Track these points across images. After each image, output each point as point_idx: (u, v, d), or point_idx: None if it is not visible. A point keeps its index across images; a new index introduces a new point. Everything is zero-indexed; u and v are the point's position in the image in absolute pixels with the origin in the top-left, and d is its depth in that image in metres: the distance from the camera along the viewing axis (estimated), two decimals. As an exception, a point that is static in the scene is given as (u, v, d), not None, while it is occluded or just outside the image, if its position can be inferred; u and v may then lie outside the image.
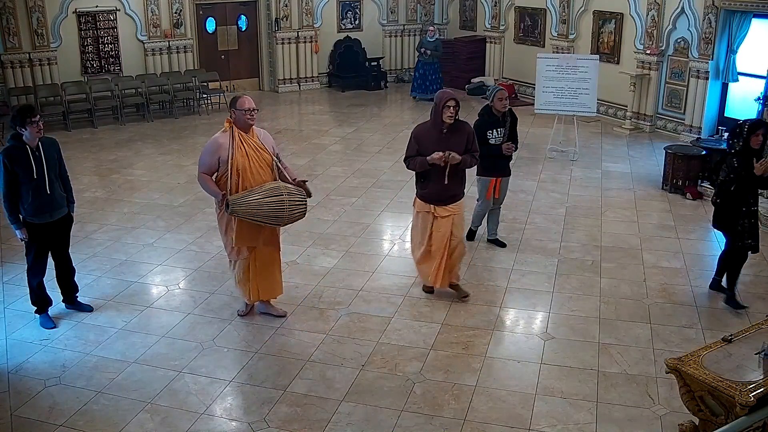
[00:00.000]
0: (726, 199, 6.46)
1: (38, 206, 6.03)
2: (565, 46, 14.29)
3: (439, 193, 6.43)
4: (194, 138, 12.77)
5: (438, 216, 6.49)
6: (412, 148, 6.44)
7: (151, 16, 14.47)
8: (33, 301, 6.41)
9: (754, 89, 10.96)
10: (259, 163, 5.94)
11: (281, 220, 5.90)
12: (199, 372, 5.66)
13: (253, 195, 5.75)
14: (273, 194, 5.78)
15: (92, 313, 6.57)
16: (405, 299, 6.80)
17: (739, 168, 6.30)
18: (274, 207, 5.77)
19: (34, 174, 5.94)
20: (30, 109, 5.95)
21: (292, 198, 5.86)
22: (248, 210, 5.73)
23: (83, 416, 5.14)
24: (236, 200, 5.72)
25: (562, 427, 5.02)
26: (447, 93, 6.42)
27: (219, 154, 5.87)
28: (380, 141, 12.44)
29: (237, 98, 5.94)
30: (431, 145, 6.31)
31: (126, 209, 9.20)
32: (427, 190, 6.48)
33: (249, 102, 5.89)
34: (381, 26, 17.41)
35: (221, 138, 5.91)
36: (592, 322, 6.40)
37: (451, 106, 6.26)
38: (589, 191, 9.80)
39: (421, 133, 6.44)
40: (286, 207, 5.81)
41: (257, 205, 5.72)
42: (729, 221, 6.51)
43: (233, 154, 5.81)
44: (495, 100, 7.47)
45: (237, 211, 5.72)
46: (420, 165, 6.38)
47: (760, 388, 3.83)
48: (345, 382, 5.52)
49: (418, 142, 6.40)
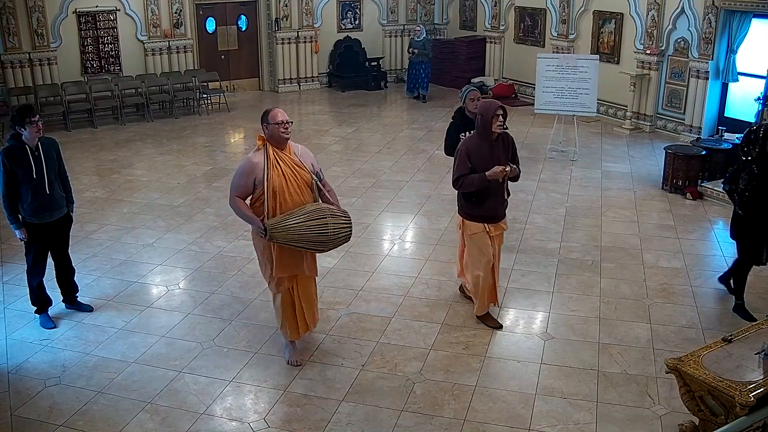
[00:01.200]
0: (751, 208, 6.19)
1: (38, 206, 6.03)
2: (565, 46, 14.29)
3: (496, 210, 6.10)
4: (194, 138, 12.79)
5: (492, 235, 6.13)
6: (464, 166, 5.94)
7: (151, 16, 14.47)
8: (33, 301, 6.41)
9: (754, 89, 10.95)
10: (297, 183, 5.37)
11: (326, 245, 5.37)
12: (199, 372, 5.66)
13: (293, 218, 5.20)
14: (315, 216, 5.24)
15: (92, 313, 6.57)
16: (405, 299, 6.80)
17: (759, 174, 6.09)
18: (317, 231, 5.23)
19: (34, 174, 5.95)
20: (29, 109, 5.95)
21: (336, 220, 5.33)
22: (289, 235, 5.19)
23: (83, 416, 5.14)
24: (275, 225, 5.18)
25: (562, 427, 5.02)
26: (494, 103, 5.97)
27: (254, 175, 5.30)
28: (380, 141, 12.44)
29: (268, 111, 5.41)
30: (484, 159, 5.90)
31: (126, 209, 9.20)
32: (483, 208, 6.04)
33: (282, 114, 5.35)
34: (381, 26, 17.42)
35: (255, 157, 5.35)
36: (592, 322, 6.40)
37: (500, 114, 5.86)
38: (589, 191, 9.80)
39: (472, 149, 5.97)
40: (330, 230, 5.28)
41: (299, 229, 5.18)
42: (754, 232, 6.25)
43: (269, 174, 5.26)
44: (467, 101, 7.17)
45: (276, 236, 5.19)
46: (479, 182, 5.89)
47: (760, 388, 3.83)
48: (345, 382, 5.52)
49: (470, 158, 5.93)
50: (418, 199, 9.52)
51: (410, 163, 11.11)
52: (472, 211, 6.12)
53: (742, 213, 6.28)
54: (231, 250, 7.88)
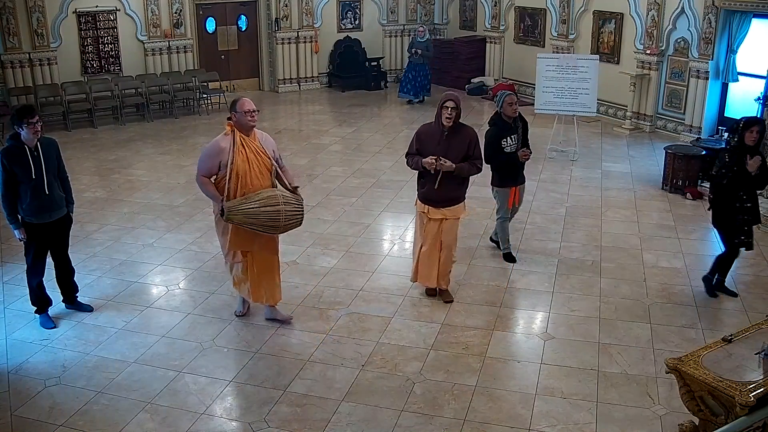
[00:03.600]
0: (719, 194, 6.53)
1: (37, 206, 6.02)
2: (565, 46, 14.29)
3: (429, 194, 6.37)
4: (194, 138, 12.78)
5: (430, 218, 6.46)
6: (413, 146, 6.42)
7: (151, 16, 14.46)
8: (33, 301, 6.41)
9: (754, 89, 10.96)
10: (259, 168, 5.87)
11: (277, 229, 5.86)
12: (199, 372, 5.66)
13: (249, 203, 5.69)
14: (269, 203, 5.71)
15: (92, 313, 6.57)
16: (405, 299, 6.80)
17: (730, 163, 6.38)
18: (270, 216, 5.71)
19: (33, 174, 5.93)
20: (29, 110, 5.94)
21: (288, 207, 5.79)
22: (244, 218, 5.68)
23: (83, 416, 5.14)
24: (232, 207, 5.66)
25: (562, 427, 5.02)
26: (448, 94, 6.37)
27: (220, 158, 5.80)
28: (380, 141, 12.43)
29: (237, 100, 5.89)
30: (431, 145, 6.26)
31: (126, 209, 9.20)
32: (422, 190, 6.47)
33: (249, 103, 5.83)
34: (381, 26, 17.41)
35: (222, 141, 5.83)
36: (592, 322, 6.40)
37: (449, 107, 6.16)
38: (589, 191, 9.80)
39: (424, 133, 6.41)
40: (281, 216, 5.75)
41: (253, 213, 5.67)
42: (724, 218, 6.56)
43: (234, 158, 5.74)
44: (504, 106, 7.24)
45: (232, 218, 5.68)
46: (415, 165, 6.38)
47: (760, 388, 3.83)
48: (345, 382, 5.52)
49: (419, 141, 6.38)
50: (418, 199, 9.51)
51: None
52: (418, 190, 6.55)
53: (712, 197, 6.63)
54: (231, 250, 7.87)
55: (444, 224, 6.46)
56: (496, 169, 7.38)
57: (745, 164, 6.32)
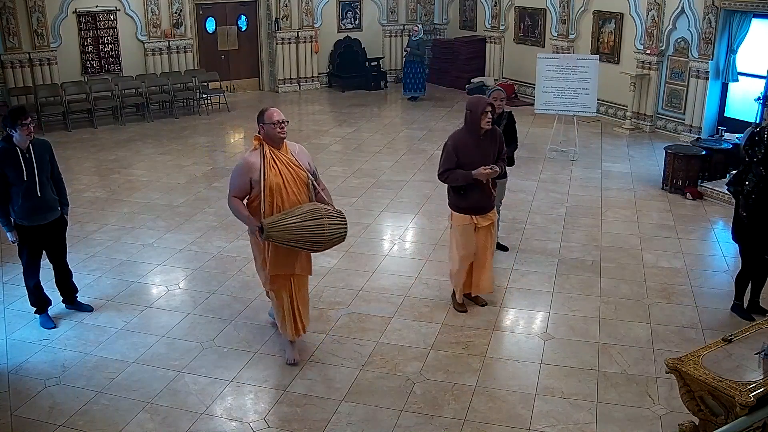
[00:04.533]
0: (756, 210, 6.11)
1: (29, 209, 5.96)
2: (565, 46, 14.29)
3: (482, 202, 6.20)
4: (194, 138, 12.79)
5: (480, 225, 6.27)
6: (451, 161, 6.05)
7: (151, 16, 14.47)
8: (32, 302, 6.39)
9: (754, 89, 10.96)
10: (294, 182, 5.38)
11: (321, 245, 5.39)
12: (199, 372, 5.66)
13: (290, 218, 5.21)
14: (312, 217, 5.25)
15: (92, 313, 6.56)
16: (405, 299, 6.80)
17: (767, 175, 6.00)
18: (313, 231, 5.24)
19: (24, 176, 5.87)
20: (21, 111, 5.88)
21: (332, 221, 5.35)
22: (285, 234, 5.19)
23: (83, 416, 5.14)
24: (272, 224, 5.18)
25: (562, 427, 5.02)
26: (483, 99, 6.10)
27: (250, 175, 5.31)
28: (380, 141, 12.44)
29: (264, 111, 5.40)
30: (470, 154, 6.02)
31: (126, 209, 9.20)
32: (468, 201, 6.18)
33: (278, 114, 5.35)
34: (381, 26, 17.41)
35: (251, 157, 5.38)
36: (592, 322, 6.40)
37: (489, 111, 5.97)
38: (589, 191, 9.80)
39: (459, 143, 6.07)
40: (326, 231, 5.29)
41: (295, 229, 5.19)
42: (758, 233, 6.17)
43: (265, 173, 5.27)
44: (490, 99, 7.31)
45: (273, 235, 5.19)
46: (464, 179, 6.03)
47: (760, 388, 3.83)
48: (345, 382, 5.52)
49: (457, 153, 6.04)
50: (418, 199, 9.52)
51: (410, 163, 11.11)
52: (459, 203, 6.26)
53: (745, 215, 6.16)
54: (231, 250, 7.88)
55: (490, 228, 6.40)
56: None
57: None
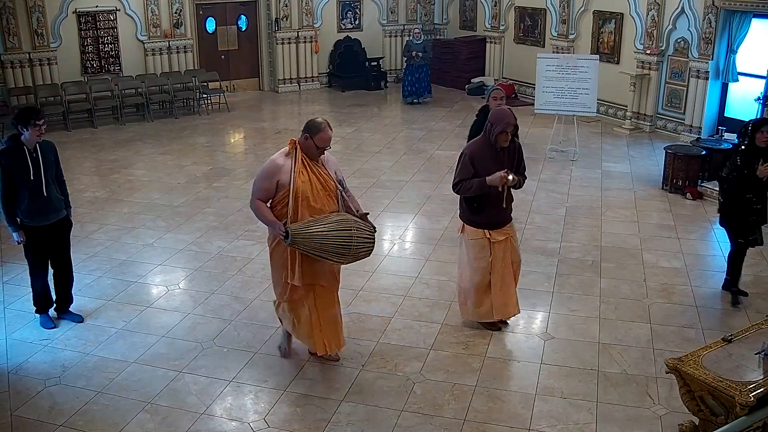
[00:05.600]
0: (729, 196, 6.52)
1: (35, 208, 5.97)
2: (565, 46, 14.29)
3: (496, 217, 5.94)
4: (194, 138, 12.79)
5: (494, 241, 5.95)
6: (467, 171, 5.79)
7: (151, 16, 14.47)
8: (35, 302, 6.37)
9: (754, 89, 10.97)
10: (323, 191, 5.23)
11: (346, 258, 5.19)
12: (199, 372, 5.66)
13: (317, 226, 5.03)
14: (340, 227, 5.08)
15: (92, 313, 6.55)
16: (405, 299, 6.80)
17: (742, 166, 6.35)
18: (340, 242, 5.06)
19: (31, 175, 5.89)
20: (36, 112, 5.88)
21: (361, 233, 5.16)
22: (311, 242, 5.02)
23: (83, 416, 5.14)
24: (299, 230, 5.00)
25: (562, 427, 5.02)
26: (508, 116, 5.73)
27: (278, 178, 5.15)
28: (380, 141, 12.44)
29: (319, 128, 5.16)
30: (487, 165, 5.74)
31: (126, 209, 9.20)
32: (482, 214, 5.91)
33: (329, 137, 5.18)
34: (381, 26, 17.41)
35: (280, 159, 5.20)
36: (592, 322, 6.40)
37: (508, 131, 5.70)
38: (589, 191, 9.80)
39: (477, 154, 5.81)
40: (353, 243, 5.10)
41: (322, 238, 5.01)
42: (735, 219, 6.56)
43: (295, 179, 5.11)
44: (490, 100, 7.27)
45: (298, 242, 5.01)
46: (478, 188, 5.75)
47: (760, 388, 3.83)
48: (345, 382, 5.51)
49: (474, 163, 5.78)
50: (418, 199, 9.52)
51: (410, 163, 11.11)
52: (473, 217, 5.98)
53: (722, 200, 6.61)
54: (231, 250, 7.88)
55: (509, 243, 6.03)
56: None
57: (755, 167, 6.25)
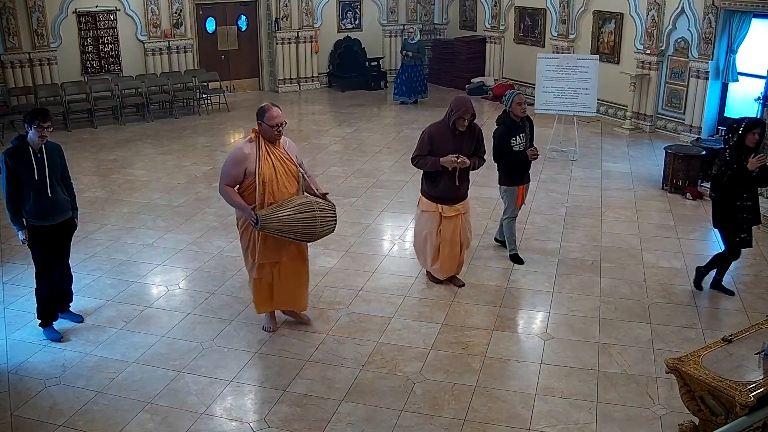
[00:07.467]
0: (720, 193, 6.56)
1: (40, 208, 5.96)
2: (565, 46, 14.29)
3: (448, 193, 6.57)
4: (194, 138, 12.79)
5: (445, 216, 6.63)
6: (424, 147, 6.50)
7: (151, 16, 14.47)
8: (39, 314, 6.20)
9: (754, 89, 10.96)
10: (285, 175, 5.66)
11: (312, 237, 5.72)
12: (199, 372, 5.66)
13: (283, 210, 5.49)
14: (305, 210, 5.54)
15: (92, 313, 6.55)
16: (405, 299, 6.80)
17: (731, 161, 6.42)
18: (306, 223, 5.55)
19: (36, 175, 5.89)
20: (44, 114, 5.87)
21: (323, 213, 5.66)
22: (279, 226, 5.49)
23: (83, 416, 5.14)
24: (267, 216, 5.47)
25: (562, 427, 5.02)
26: (467, 105, 6.38)
27: (245, 165, 5.57)
28: (380, 141, 12.44)
29: (265, 110, 5.59)
30: (444, 145, 6.41)
31: (126, 209, 9.20)
32: (437, 189, 6.57)
33: (279, 116, 5.56)
34: (381, 26, 17.41)
35: (246, 147, 5.61)
36: (592, 322, 6.40)
37: (466, 119, 6.34)
38: (589, 191, 9.80)
39: (435, 134, 6.49)
40: (318, 223, 5.60)
41: (288, 221, 5.49)
42: (725, 216, 6.59)
43: (260, 165, 5.54)
44: (513, 105, 7.23)
45: (267, 227, 5.48)
46: (432, 165, 6.46)
47: (760, 388, 3.83)
48: (345, 382, 5.52)
49: (432, 142, 6.47)
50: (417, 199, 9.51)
51: (410, 163, 11.08)
52: (429, 190, 6.67)
53: (714, 195, 6.65)
54: (231, 250, 7.87)
55: (460, 219, 6.70)
56: (505, 167, 7.37)
57: (744, 163, 6.35)
